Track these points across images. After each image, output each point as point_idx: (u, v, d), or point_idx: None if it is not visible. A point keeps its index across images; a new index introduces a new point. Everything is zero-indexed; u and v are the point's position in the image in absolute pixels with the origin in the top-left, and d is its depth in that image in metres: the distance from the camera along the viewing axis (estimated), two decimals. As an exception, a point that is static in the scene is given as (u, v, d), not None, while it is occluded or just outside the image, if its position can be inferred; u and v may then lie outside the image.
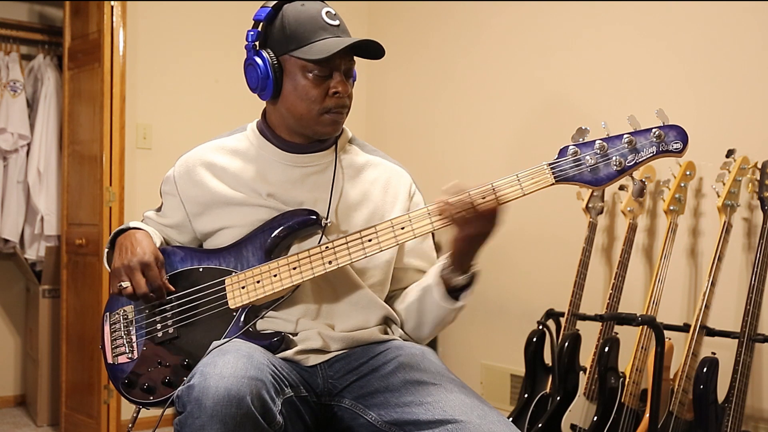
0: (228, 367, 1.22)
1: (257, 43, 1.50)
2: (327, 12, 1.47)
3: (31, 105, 3.71)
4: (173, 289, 1.53)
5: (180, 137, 3.50)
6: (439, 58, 3.68)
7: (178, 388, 1.26)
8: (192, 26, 3.62)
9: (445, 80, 3.65)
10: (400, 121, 3.93)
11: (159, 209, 1.66)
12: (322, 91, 1.47)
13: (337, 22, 1.48)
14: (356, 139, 1.66)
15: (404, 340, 1.56)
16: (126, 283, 1.49)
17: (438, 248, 1.70)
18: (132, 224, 1.62)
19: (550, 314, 2.84)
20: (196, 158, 1.60)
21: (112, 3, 3.14)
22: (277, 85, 1.49)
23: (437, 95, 3.69)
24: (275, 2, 1.48)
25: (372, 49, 1.47)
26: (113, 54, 3.15)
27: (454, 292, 1.46)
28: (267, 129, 1.58)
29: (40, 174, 3.62)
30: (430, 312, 1.51)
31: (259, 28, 1.50)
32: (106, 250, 1.61)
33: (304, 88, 1.47)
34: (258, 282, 1.46)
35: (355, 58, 1.51)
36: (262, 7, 1.49)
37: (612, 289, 2.60)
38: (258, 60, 1.48)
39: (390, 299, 1.62)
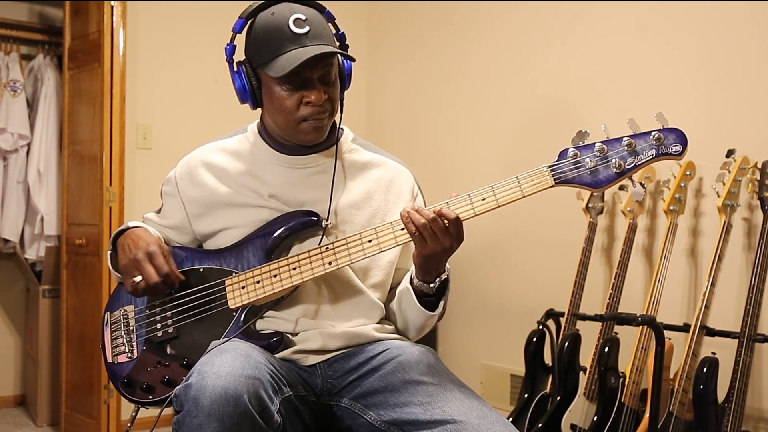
0: (225, 366, 1.23)
1: (235, 56, 1.50)
2: (295, 19, 1.43)
3: (31, 105, 3.71)
4: (183, 278, 1.52)
5: (180, 137, 3.51)
6: (439, 59, 3.68)
7: (176, 387, 1.26)
8: (192, 26, 3.63)
9: (444, 80, 3.66)
10: (400, 121, 3.93)
11: (159, 210, 1.67)
12: (296, 101, 1.46)
13: (305, 29, 1.43)
14: (358, 138, 1.66)
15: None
16: (138, 278, 1.49)
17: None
18: (131, 224, 1.62)
19: (550, 314, 2.84)
20: (198, 159, 1.60)
21: (112, 3, 3.14)
22: (256, 98, 1.50)
23: (437, 95, 3.69)
24: (248, 12, 1.47)
25: (340, 55, 1.46)
26: (113, 54, 3.15)
27: (427, 298, 1.48)
28: (265, 131, 1.59)
29: (40, 174, 3.62)
30: (409, 316, 1.53)
31: (234, 42, 1.50)
32: (109, 252, 1.62)
33: (279, 101, 1.47)
34: (258, 282, 1.46)
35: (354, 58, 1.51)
36: (238, 17, 1.48)
37: (612, 289, 2.60)
38: (235, 75, 1.49)
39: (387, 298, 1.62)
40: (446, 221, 1.34)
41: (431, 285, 1.45)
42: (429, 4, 3.73)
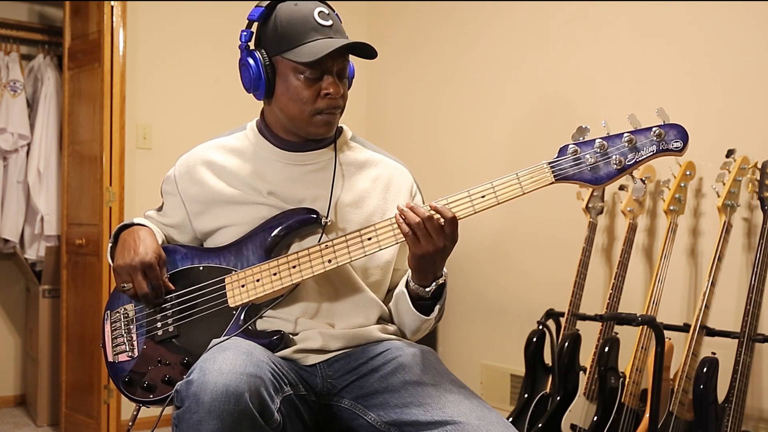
0: (227, 363, 1.23)
1: (251, 43, 1.51)
2: (320, 12, 1.46)
3: (31, 105, 3.71)
4: (173, 287, 1.53)
5: (180, 137, 3.50)
6: (439, 58, 3.68)
7: (178, 383, 1.26)
8: (192, 26, 3.63)
9: (444, 80, 3.66)
10: (400, 120, 3.93)
11: (160, 209, 1.67)
12: (313, 92, 1.47)
13: (329, 22, 1.46)
14: (357, 137, 1.66)
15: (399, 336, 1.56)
16: (129, 285, 1.50)
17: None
18: (136, 220, 1.63)
19: (550, 314, 2.83)
20: (197, 157, 1.60)
21: (112, 3, 3.14)
22: (270, 86, 1.49)
23: (437, 95, 3.69)
24: (269, 2, 1.48)
25: (364, 50, 1.47)
26: (113, 54, 3.15)
27: (424, 302, 1.47)
28: (265, 128, 1.59)
29: (40, 174, 3.62)
30: (405, 319, 1.53)
31: (252, 28, 1.51)
32: (110, 245, 1.62)
33: (295, 90, 1.47)
34: (258, 281, 1.46)
35: (352, 57, 1.51)
36: (256, 6, 1.49)
37: (612, 289, 2.60)
38: (250, 61, 1.48)
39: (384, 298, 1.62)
40: (441, 220, 1.34)
41: (427, 289, 1.44)
42: (429, 4, 3.73)
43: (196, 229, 1.60)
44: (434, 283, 1.44)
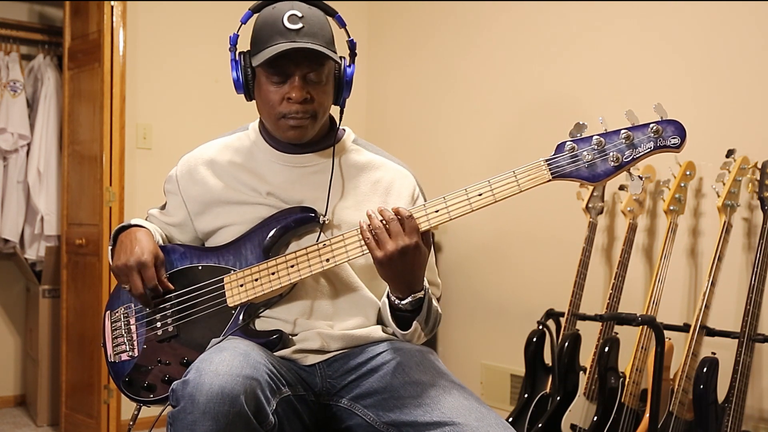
0: (224, 364, 1.22)
1: (237, 46, 1.51)
2: (290, 16, 1.43)
3: (31, 105, 3.70)
4: (172, 287, 1.53)
5: (180, 137, 3.51)
6: (439, 58, 3.68)
7: (174, 382, 1.26)
8: (192, 26, 3.63)
9: (444, 80, 3.65)
10: (400, 120, 3.93)
11: (163, 207, 1.67)
12: (279, 96, 1.46)
13: (298, 26, 1.42)
14: (359, 139, 1.66)
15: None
16: (127, 286, 1.50)
17: (437, 248, 1.69)
18: (134, 221, 1.63)
19: (550, 314, 2.83)
20: (198, 157, 1.61)
21: (112, 3, 3.14)
22: (249, 89, 1.51)
23: (437, 95, 3.69)
24: (256, 5, 1.48)
25: (318, 54, 1.43)
26: (113, 54, 3.15)
27: (403, 314, 1.46)
28: (264, 130, 1.59)
29: (40, 174, 3.62)
30: (391, 329, 1.52)
31: (238, 31, 1.51)
32: (110, 247, 1.62)
33: (265, 93, 1.48)
34: (256, 280, 1.46)
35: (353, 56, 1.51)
36: (248, 9, 1.50)
37: (612, 289, 2.59)
38: (233, 64, 1.49)
39: None
40: (399, 218, 1.33)
41: (403, 302, 1.42)
42: (429, 4, 3.73)
43: (197, 228, 1.60)
44: (411, 296, 1.41)
